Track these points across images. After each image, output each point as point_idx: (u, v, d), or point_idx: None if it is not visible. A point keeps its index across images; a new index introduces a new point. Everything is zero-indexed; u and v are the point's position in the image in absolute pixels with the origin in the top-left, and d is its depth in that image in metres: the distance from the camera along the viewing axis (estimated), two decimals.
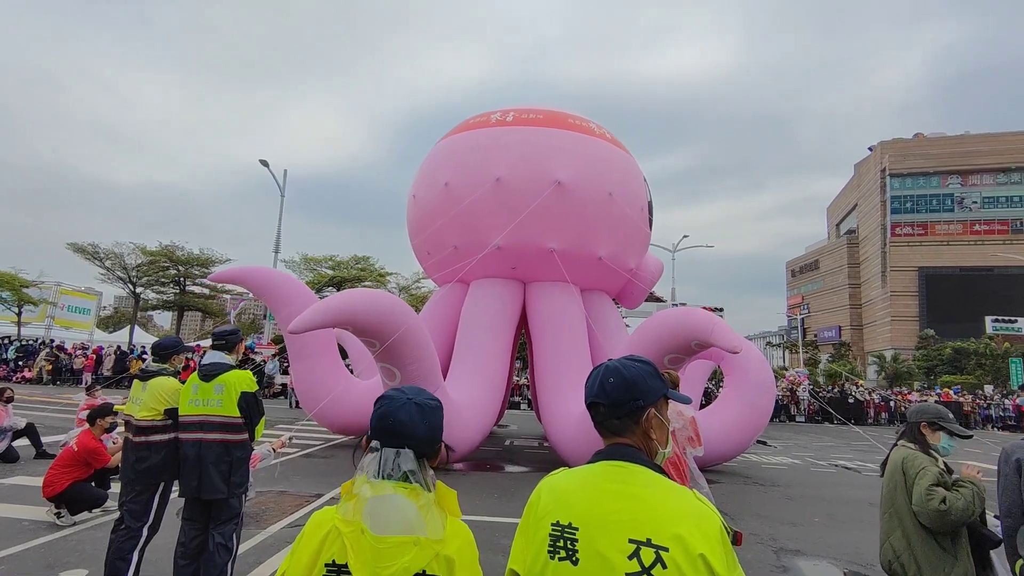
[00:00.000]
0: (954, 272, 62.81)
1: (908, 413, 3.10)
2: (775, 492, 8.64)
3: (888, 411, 24.81)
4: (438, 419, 1.37)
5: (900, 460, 2.80)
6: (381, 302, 7.35)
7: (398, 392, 1.37)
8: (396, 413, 1.31)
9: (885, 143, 70.16)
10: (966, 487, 2.62)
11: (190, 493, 3.63)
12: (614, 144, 10.65)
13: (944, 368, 45.99)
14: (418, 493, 1.26)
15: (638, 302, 12.96)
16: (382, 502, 1.23)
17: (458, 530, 1.30)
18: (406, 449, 1.29)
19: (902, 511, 2.74)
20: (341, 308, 6.96)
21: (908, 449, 2.85)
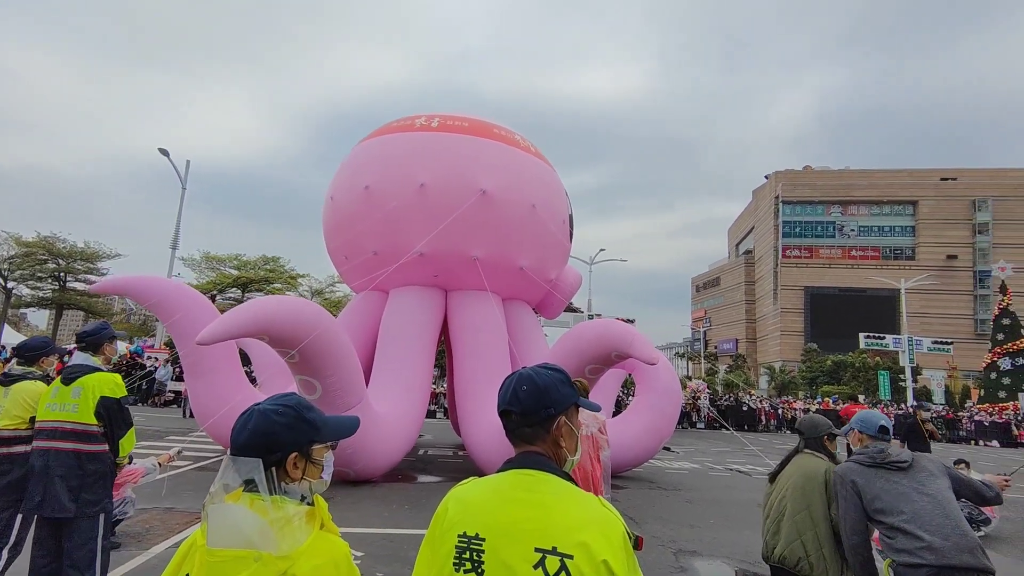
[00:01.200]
0: (835, 292, 69.74)
1: (803, 426, 3.36)
2: (676, 496, 9.11)
3: (776, 418, 26.97)
4: (271, 425, 1.20)
5: (822, 472, 3.08)
6: (303, 311, 6.84)
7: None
8: (238, 421, 1.24)
9: (779, 173, 76.84)
10: None
11: (31, 510, 3.17)
12: (538, 157, 10.89)
13: (824, 379, 50.76)
14: (277, 504, 1.14)
15: (557, 312, 13.29)
16: (218, 513, 1.12)
17: (322, 548, 1.16)
18: (248, 457, 1.16)
19: (818, 517, 3.00)
20: (257, 317, 6.35)
21: (822, 460, 3.17)
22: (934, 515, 2.63)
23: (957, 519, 2.62)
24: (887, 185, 71.50)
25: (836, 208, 72.72)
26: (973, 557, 2.51)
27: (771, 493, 3.28)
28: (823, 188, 73.06)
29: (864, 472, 2.86)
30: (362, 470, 8.16)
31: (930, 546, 2.53)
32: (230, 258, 33.82)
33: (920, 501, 2.68)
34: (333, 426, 1.33)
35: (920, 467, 2.82)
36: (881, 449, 2.90)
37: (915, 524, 2.61)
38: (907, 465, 2.81)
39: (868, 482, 2.82)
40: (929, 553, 2.52)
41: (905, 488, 2.74)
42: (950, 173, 70.77)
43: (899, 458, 2.83)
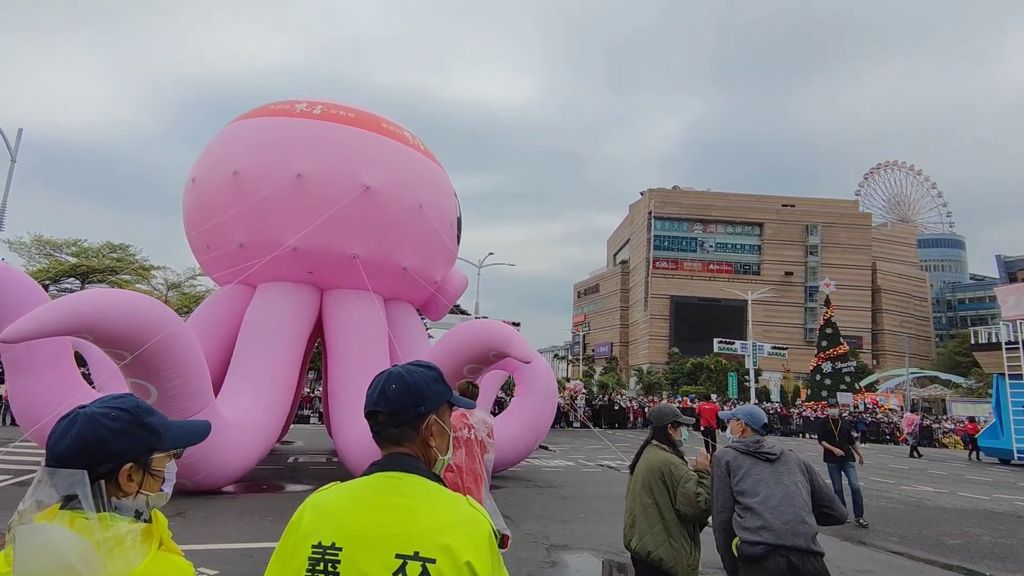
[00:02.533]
0: (695, 301, 76.90)
1: (652, 415, 3.57)
2: (551, 493, 9.43)
3: (643, 416, 29.08)
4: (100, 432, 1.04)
5: (664, 463, 3.23)
6: (138, 308, 6.08)
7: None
8: (57, 426, 1.06)
9: (652, 190, 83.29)
10: (704, 481, 3.21)
11: None
12: (427, 156, 10.73)
13: (685, 380, 55.71)
14: (105, 523, 0.98)
15: (442, 314, 13.18)
16: (27, 535, 0.95)
17: (161, 570, 1.03)
18: (67, 470, 0.99)
19: (664, 507, 3.16)
20: (79, 313, 5.53)
21: (664, 451, 3.32)
22: (782, 502, 2.92)
23: (800, 508, 2.91)
24: (740, 207, 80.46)
25: (698, 226, 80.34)
26: (804, 541, 2.82)
27: (630, 485, 3.42)
28: (688, 207, 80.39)
29: (738, 457, 3.14)
30: (204, 481, 7.44)
31: (770, 527, 2.84)
32: (68, 243, 29.37)
33: (775, 488, 2.98)
34: (178, 432, 1.18)
35: (785, 461, 3.11)
36: (757, 440, 3.21)
37: (763, 507, 2.91)
38: (775, 457, 3.11)
39: (739, 466, 3.11)
40: (768, 533, 2.83)
41: (767, 476, 3.03)
42: (790, 200, 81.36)
43: (770, 450, 3.13)
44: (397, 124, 10.59)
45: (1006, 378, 19.69)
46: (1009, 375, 19.59)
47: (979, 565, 6.46)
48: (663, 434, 3.41)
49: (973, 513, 9.74)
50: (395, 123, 10.56)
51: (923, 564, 6.39)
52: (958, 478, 14.97)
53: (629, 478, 3.47)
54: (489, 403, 12.29)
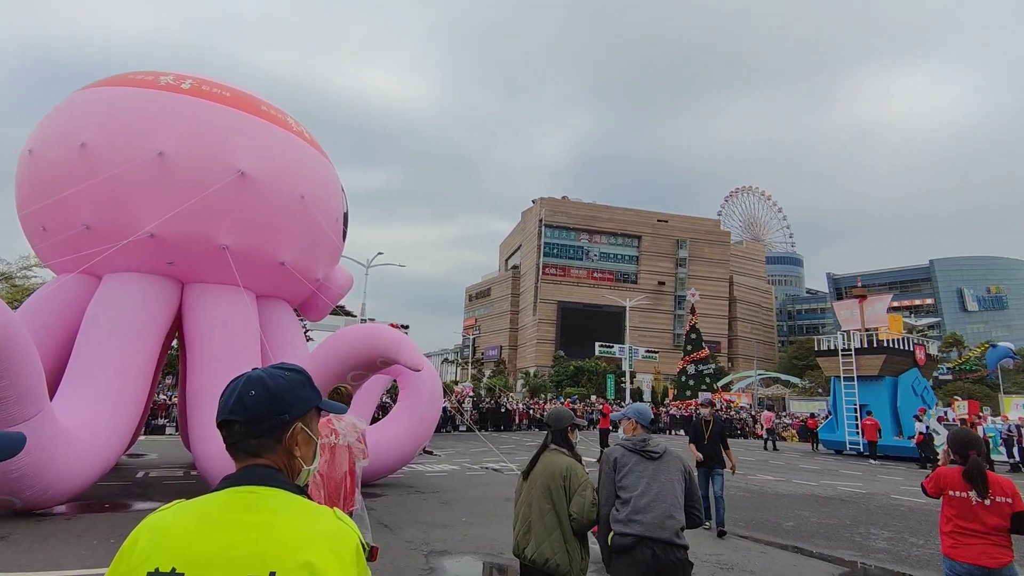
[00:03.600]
0: (580, 307, 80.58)
1: (550, 418, 3.46)
2: (433, 498, 9.31)
3: (528, 417, 29.80)
4: None
5: (565, 468, 3.15)
6: None
7: None
8: None
9: (544, 199, 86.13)
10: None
11: None
12: (312, 145, 10.14)
13: (568, 382, 58.06)
14: None
15: (323, 314, 12.49)
16: None
17: None
18: None
19: (563, 513, 3.10)
20: None
21: (565, 455, 3.26)
22: (655, 498, 3.08)
23: (670, 504, 3.08)
24: (621, 220, 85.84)
25: (584, 235, 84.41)
26: (668, 534, 3.00)
27: (524, 490, 3.27)
28: (576, 216, 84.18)
29: (625, 455, 3.27)
30: (35, 498, 6.44)
31: (639, 520, 3.01)
32: None
33: (651, 484, 3.13)
34: None
35: (667, 459, 3.26)
36: (644, 438, 3.34)
37: (637, 500, 3.07)
38: (657, 456, 3.25)
39: (624, 463, 3.23)
40: (637, 525, 3.00)
41: (647, 472, 3.18)
42: (663, 216, 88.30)
43: (654, 448, 3.27)
44: (279, 109, 9.90)
45: (841, 380, 22.74)
46: (844, 378, 22.62)
47: (808, 543, 7.40)
48: (563, 437, 3.34)
49: (804, 498, 11.15)
50: (277, 107, 9.87)
51: (764, 545, 7.19)
52: (794, 467, 17.08)
53: (521, 483, 3.32)
54: (372, 408, 11.88)
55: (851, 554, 6.99)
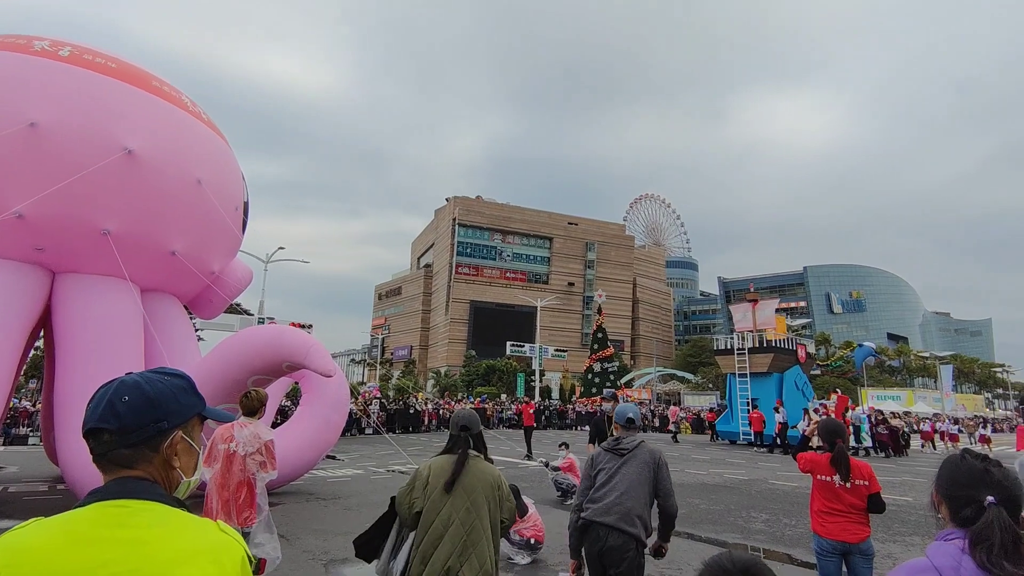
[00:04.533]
0: (493, 307, 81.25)
1: (467, 422, 3.09)
2: (335, 505, 8.99)
3: (437, 418, 29.55)
4: None
5: (497, 475, 2.97)
6: None
7: None
8: None
9: (457, 198, 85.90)
10: None
11: None
12: (210, 127, 9.40)
13: (479, 381, 58.34)
14: None
15: (216, 312, 11.62)
16: None
17: None
18: None
19: (493, 522, 2.86)
20: None
21: (484, 461, 3.03)
22: (612, 488, 3.45)
23: (623, 494, 3.41)
24: (534, 222, 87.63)
25: (498, 236, 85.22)
26: (613, 520, 3.35)
27: (447, 505, 2.79)
28: (490, 217, 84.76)
29: (601, 454, 3.68)
30: None
31: (592, 508, 3.45)
32: None
33: (612, 478, 3.49)
34: None
35: (636, 455, 3.56)
36: (618, 438, 3.69)
37: (595, 492, 3.50)
38: (627, 453, 3.57)
39: (600, 461, 3.65)
40: (590, 512, 3.45)
41: (616, 467, 3.54)
42: (574, 219, 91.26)
43: (624, 447, 3.61)
44: (173, 87, 9.08)
45: (736, 376, 24.79)
46: (738, 374, 24.63)
47: (697, 529, 7.99)
48: (480, 441, 3.08)
49: (694, 486, 11.99)
50: (170, 84, 9.05)
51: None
52: (687, 458, 18.33)
53: (443, 497, 2.81)
54: (271, 412, 11.25)
55: (734, 537, 7.63)
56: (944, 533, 1.48)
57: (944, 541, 1.46)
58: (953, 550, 1.41)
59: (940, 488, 1.58)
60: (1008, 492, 1.44)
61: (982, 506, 1.42)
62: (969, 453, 1.59)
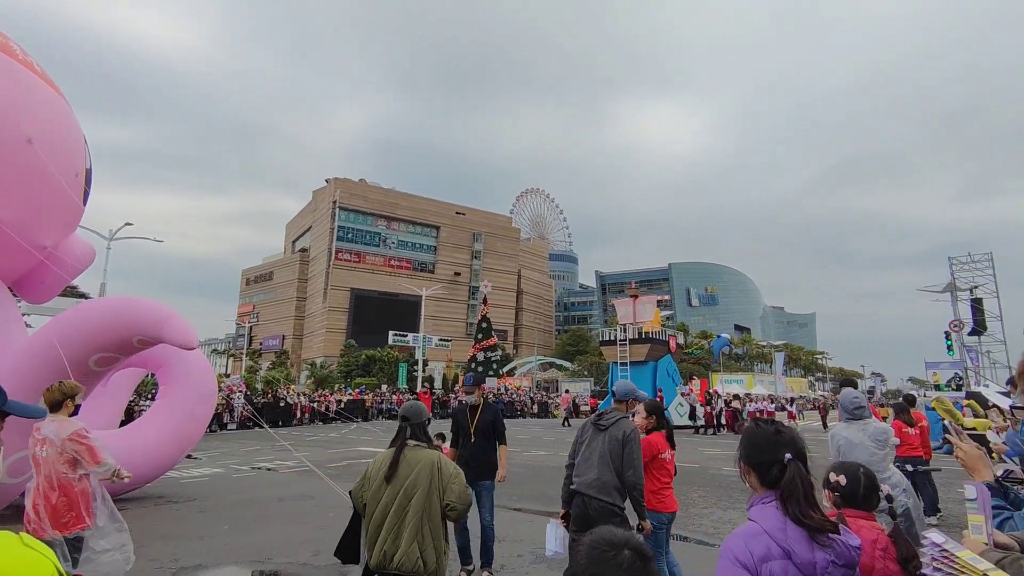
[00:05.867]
0: (375, 295, 78.82)
1: (410, 412, 3.22)
2: (189, 507, 8.26)
3: (312, 411, 28.12)
4: None
5: (436, 461, 3.05)
6: None
7: None
8: None
9: (339, 180, 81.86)
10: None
11: None
12: (45, 81, 8.00)
13: (359, 372, 56.43)
14: None
15: (51, 294, 10.00)
16: None
17: None
18: None
19: (434, 509, 2.95)
20: None
21: (430, 451, 3.12)
22: (586, 460, 3.99)
23: (595, 466, 3.90)
24: (421, 209, 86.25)
25: (383, 222, 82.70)
26: (592, 491, 3.84)
27: (386, 494, 2.97)
28: (374, 202, 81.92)
29: (585, 425, 4.26)
30: None
31: (575, 479, 4.02)
32: None
33: (588, 450, 4.03)
34: None
35: (610, 431, 3.99)
36: (599, 413, 4.23)
37: (577, 465, 4.06)
38: (604, 428, 4.04)
39: (583, 432, 4.20)
40: (575, 483, 4.00)
41: (594, 440, 4.05)
42: (462, 209, 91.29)
43: (604, 422, 4.08)
44: (2, 32, 7.60)
45: (618, 365, 26.81)
46: (620, 363, 26.73)
47: None
48: (423, 431, 3.19)
49: None
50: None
51: (532, 515, 8.00)
52: (564, 442, 19.27)
53: (382, 486, 2.98)
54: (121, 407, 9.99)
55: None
56: (759, 497, 1.70)
57: (763, 504, 1.67)
58: (774, 512, 1.63)
59: (746, 458, 1.77)
60: (797, 447, 1.70)
61: (784, 464, 1.66)
62: (759, 420, 1.83)
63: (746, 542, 1.58)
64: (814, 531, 1.57)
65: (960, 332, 27.42)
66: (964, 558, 1.35)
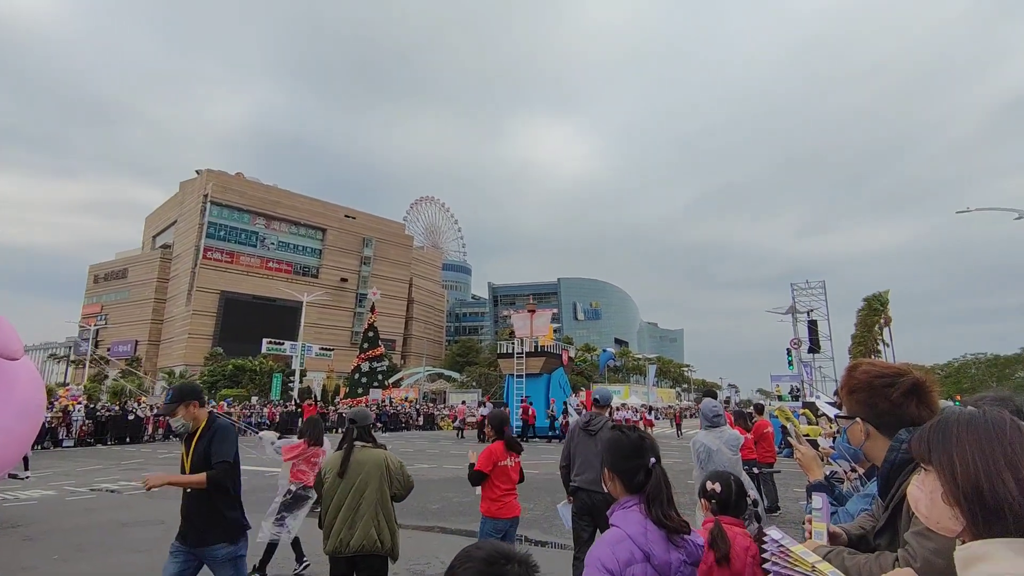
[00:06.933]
0: (249, 299, 72.95)
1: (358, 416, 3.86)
2: (12, 535, 7.06)
3: (166, 426, 25.27)
4: None
5: (384, 457, 3.71)
6: None
7: None
8: None
9: (211, 172, 75.09)
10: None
11: None
12: None
13: (226, 382, 51.77)
14: None
15: None
16: None
17: None
18: None
19: (385, 498, 3.63)
20: None
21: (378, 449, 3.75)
22: (584, 462, 4.76)
23: (594, 467, 4.50)
24: (306, 209, 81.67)
25: (261, 220, 77.08)
26: (594, 486, 4.48)
27: (339, 488, 3.53)
28: (252, 198, 76.18)
29: (575, 429, 5.07)
30: None
31: (577, 477, 4.80)
32: None
33: (584, 453, 4.78)
34: None
35: (599, 436, 4.68)
36: (588, 419, 4.98)
37: (577, 466, 4.82)
38: (594, 432, 4.79)
39: (573, 436, 5.04)
40: (578, 480, 4.78)
41: (587, 443, 4.83)
42: (352, 212, 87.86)
43: (592, 427, 4.87)
44: None
45: (514, 377, 27.42)
46: (516, 375, 27.40)
47: (450, 522, 8.36)
48: (368, 432, 3.80)
49: (450, 481, 12.55)
50: None
51: (411, 530, 7.79)
52: (447, 454, 19.10)
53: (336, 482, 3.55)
54: None
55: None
56: (620, 503, 1.78)
57: (625, 509, 1.75)
58: (637, 516, 1.71)
59: (612, 465, 1.83)
60: (657, 451, 1.82)
61: (649, 469, 1.76)
62: (623, 428, 1.93)
63: (612, 549, 1.64)
64: (672, 532, 1.68)
65: (799, 349, 31.35)
66: (797, 552, 1.50)
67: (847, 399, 1.73)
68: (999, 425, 0.98)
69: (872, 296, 40.77)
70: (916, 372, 1.66)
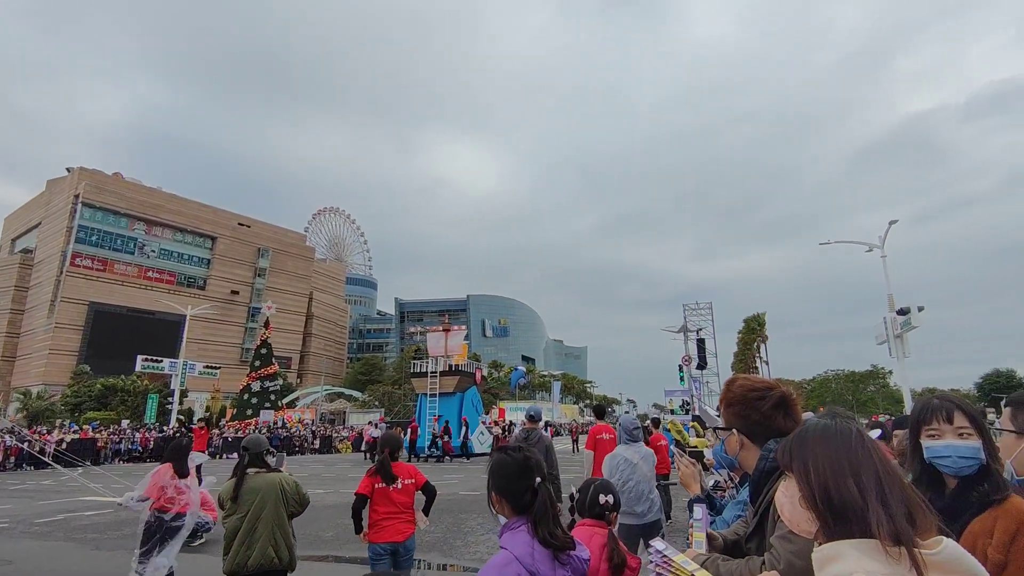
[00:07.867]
0: (123, 311, 65.83)
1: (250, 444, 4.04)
2: None
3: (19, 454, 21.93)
4: None
5: (280, 480, 4.00)
6: None
7: None
8: None
9: (84, 170, 67.53)
10: None
11: None
12: None
13: (92, 404, 46.10)
14: None
15: None
16: None
17: None
18: None
19: (282, 518, 3.92)
20: None
21: (272, 473, 4.00)
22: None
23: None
24: (194, 215, 75.59)
25: (140, 225, 70.30)
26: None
27: (233, 513, 3.77)
28: (131, 201, 69.36)
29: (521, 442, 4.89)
30: None
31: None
32: None
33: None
34: None
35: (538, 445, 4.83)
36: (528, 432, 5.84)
37: None
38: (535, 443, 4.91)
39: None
40: None
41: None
42: (246, 220, 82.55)
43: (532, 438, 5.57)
44: None
45: (427, 396, 27.01)
46: (429, 394, 27.06)
47: (344, 551, 7.92)
48: (261, 459, 4.03)
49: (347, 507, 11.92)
50: None
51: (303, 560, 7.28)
52: (343, 478, 18.19)
53: (232, 507, 3.80)
54: None
55: None
56: (508, 524, 1.76)
57: (513, 531, 1.73)
58: (524, 537, 1.69)
59: (499, 488, 1.79)
60: (543, 470, 1.82)
61: (535, 489, 1.76)
62: (508, 449, 1.90)
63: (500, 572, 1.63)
64: (558, 550, 1.69)
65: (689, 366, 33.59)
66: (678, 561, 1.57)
67: (725, 411, 1.85)
68: (846, 435, 1.09)
69: (751, 317, 44.81)
70: (784, 387, 1.80)
